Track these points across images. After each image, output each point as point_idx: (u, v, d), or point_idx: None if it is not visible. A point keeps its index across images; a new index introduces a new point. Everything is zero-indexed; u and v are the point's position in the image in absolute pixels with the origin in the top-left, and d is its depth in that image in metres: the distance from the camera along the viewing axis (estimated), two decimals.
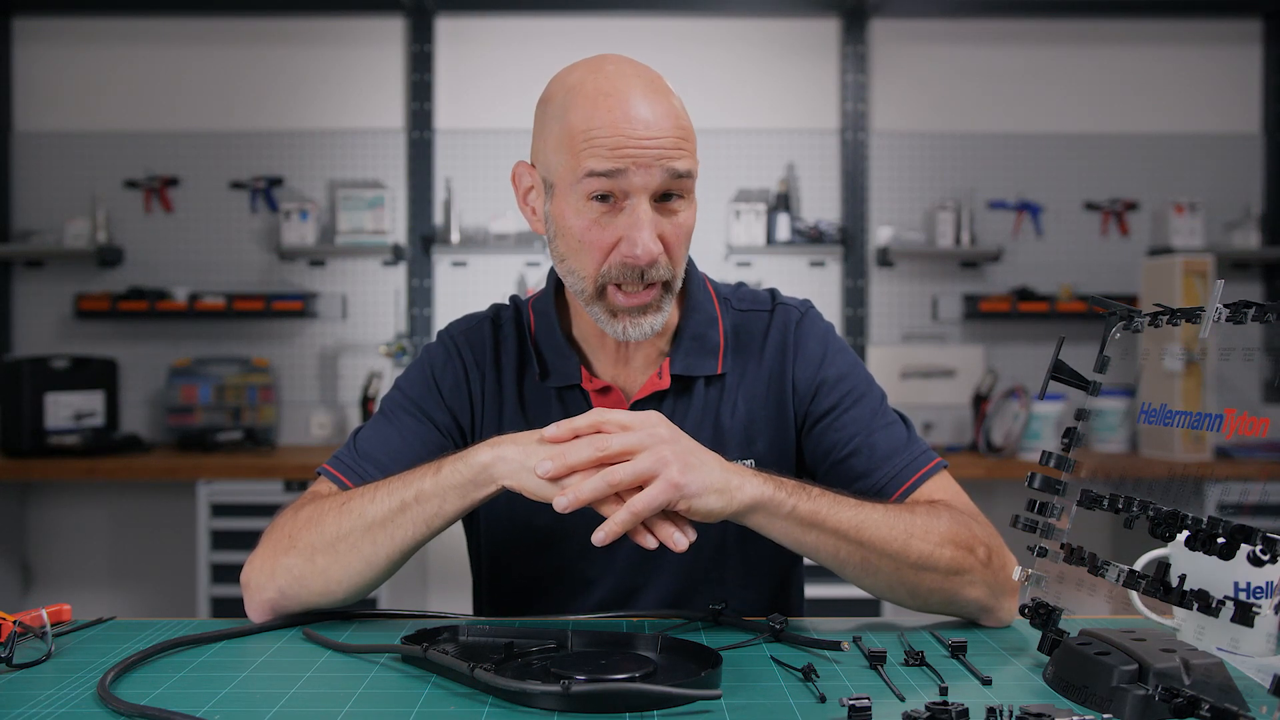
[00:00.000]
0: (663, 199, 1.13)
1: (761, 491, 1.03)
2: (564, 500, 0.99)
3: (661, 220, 1.13)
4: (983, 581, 1.09)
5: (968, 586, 1.09)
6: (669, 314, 1.18)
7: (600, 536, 0.99)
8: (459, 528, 1.35)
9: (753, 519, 1.05)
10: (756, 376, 1.26)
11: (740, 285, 1.34)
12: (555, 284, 1.28)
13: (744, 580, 1.25)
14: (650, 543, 1.01)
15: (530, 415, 1.24)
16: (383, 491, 1.08)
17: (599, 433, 1.02)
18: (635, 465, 0.99)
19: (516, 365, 1.27)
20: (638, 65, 1.16)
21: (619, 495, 1.00)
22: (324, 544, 1.08)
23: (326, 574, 1.09)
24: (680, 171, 1.11)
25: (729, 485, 1.02)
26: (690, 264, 1.29)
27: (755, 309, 1.29)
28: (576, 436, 1.02)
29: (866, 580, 1.10)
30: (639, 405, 1.22)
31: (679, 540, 1.01)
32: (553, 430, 1.02)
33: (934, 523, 1.10)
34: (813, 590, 1.39)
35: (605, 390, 1.23)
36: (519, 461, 1.03)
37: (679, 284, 1.18)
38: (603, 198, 1.11)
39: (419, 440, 1.22)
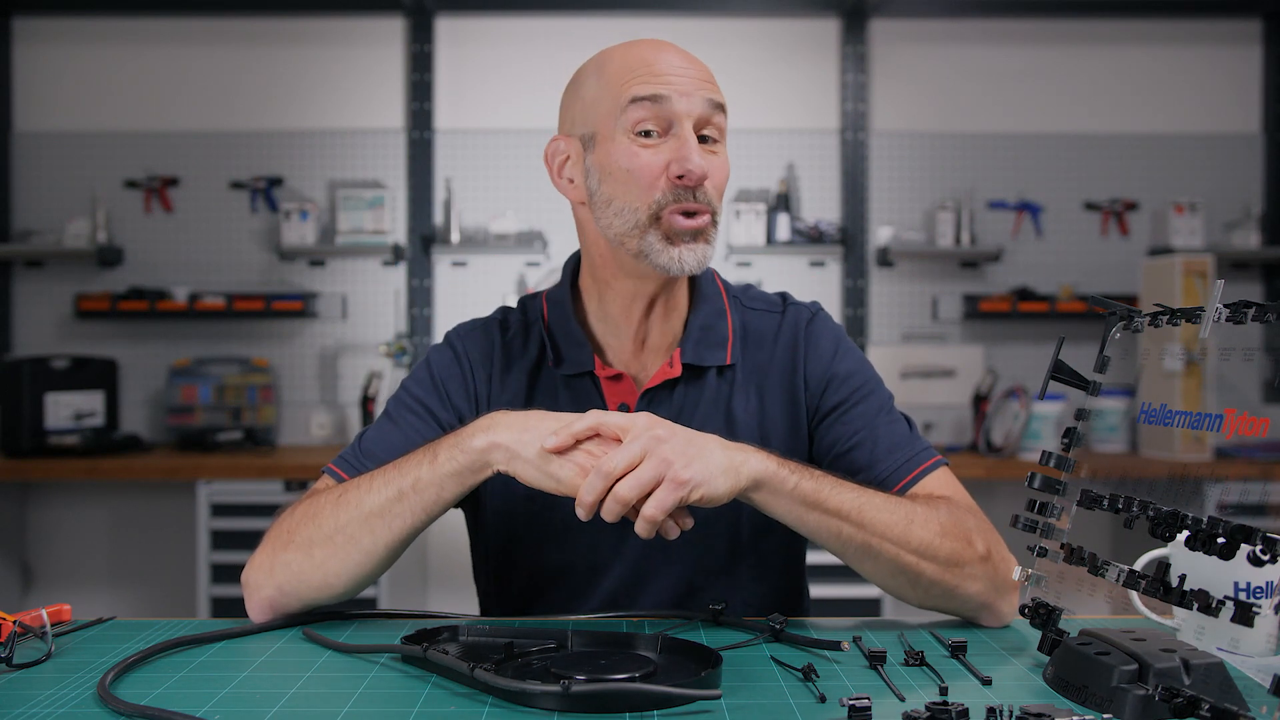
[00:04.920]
0: (702, 142, 1.16)
1: (765, 467, 1.04)
2: (582, 512, 1.01)
3: (706, 155, 1.16)
4: (982, 576, 1.10)
5: (968, 580, 1.09)
6: (713, 253, 1.20)
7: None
8: (458, 529, 1.35)
9: (758, 496, 1.05)
10: (769, 375, 1.27)
11: (749, 286, 1.35)
12: (571, 273, 1.29)
13: (755, 574, 1.26)
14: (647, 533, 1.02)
15: (537, 407, 1.25)
16: (378, 481, 1.09)
17: (596, 435, 1.03)
18: (639, 476, 0.99)
19: (525, 362, 1.27)
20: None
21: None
22: (322, 537, 1.09)
23: (325, 567, 1.09)
24: (718, 102, 1.17)
25: (733, 463, 1.03)
26: None
27: (766, 309, 1.31)
28: (578, 442, 1.03)
29: (868, 565, 1.10)
30: (651, 393, 1.23)
31: (670, 529, 1.03)
32: (553, 440, 1.03)
33: (933, 513, 1.10)
34: (813, 590, 1.39)
35: (617, 378, 1.23)
36: (514, 450, 1.04)
37: (720, 225, 1.21)
38: (646, 134, 1.15)
39: (422, 439, 1.21)
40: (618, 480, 0.99)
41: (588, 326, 1.27)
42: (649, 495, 0.99)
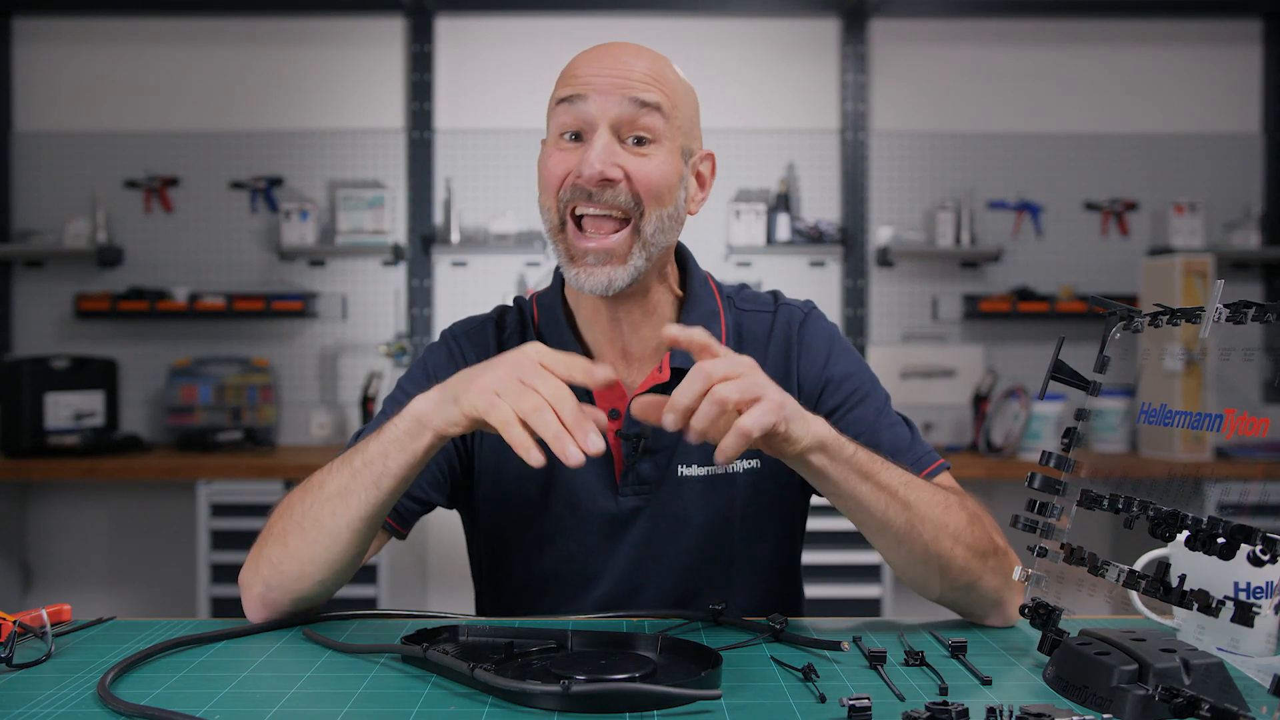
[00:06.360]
0: (635, 143, 1.14)
1: (828, 431, 1.02)
2: (672, 418, 0.94)
3: (627, 156, 1.13)
4: (1000, 570, 1.10)
5: (990, 573, 1.09)
6: (640, 271, 1.15)
7: (722, 457, 0.93)
8: (458, 529, 1.35)
9: (817, 459, 1.02)
10: None
11: (743, 286, 1.33)
12: (560, 277, 1.28)
13: (748, 580, 1.25)
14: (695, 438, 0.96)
15: None
16: (338, 463, 1.09)
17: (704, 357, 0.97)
18: (742, 384, 0.94)
19: None
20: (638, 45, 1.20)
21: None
22: (294, 526, 1.09)
23: (299, 555, 1.09)
24: (644, 100, 1.12)
25: (806, 416, 1.01)
26: (692, 261, 1.29)
27: (758, 310, 1.29)
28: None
29: (903, 549, 1.08)
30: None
31: (732, 449, 0.94)
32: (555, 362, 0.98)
33: (960, 501, 1.11)
34: (813, 590, 1.39)
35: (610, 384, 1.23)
36: (437, 400, 1.02)
37: (652, 234, 1.15)
38: (576, 137, 1.14)
39: None
40: (714, 386, 0.93)
41: (578, 331, 1.25)
42: (727, 424, 0.93)
